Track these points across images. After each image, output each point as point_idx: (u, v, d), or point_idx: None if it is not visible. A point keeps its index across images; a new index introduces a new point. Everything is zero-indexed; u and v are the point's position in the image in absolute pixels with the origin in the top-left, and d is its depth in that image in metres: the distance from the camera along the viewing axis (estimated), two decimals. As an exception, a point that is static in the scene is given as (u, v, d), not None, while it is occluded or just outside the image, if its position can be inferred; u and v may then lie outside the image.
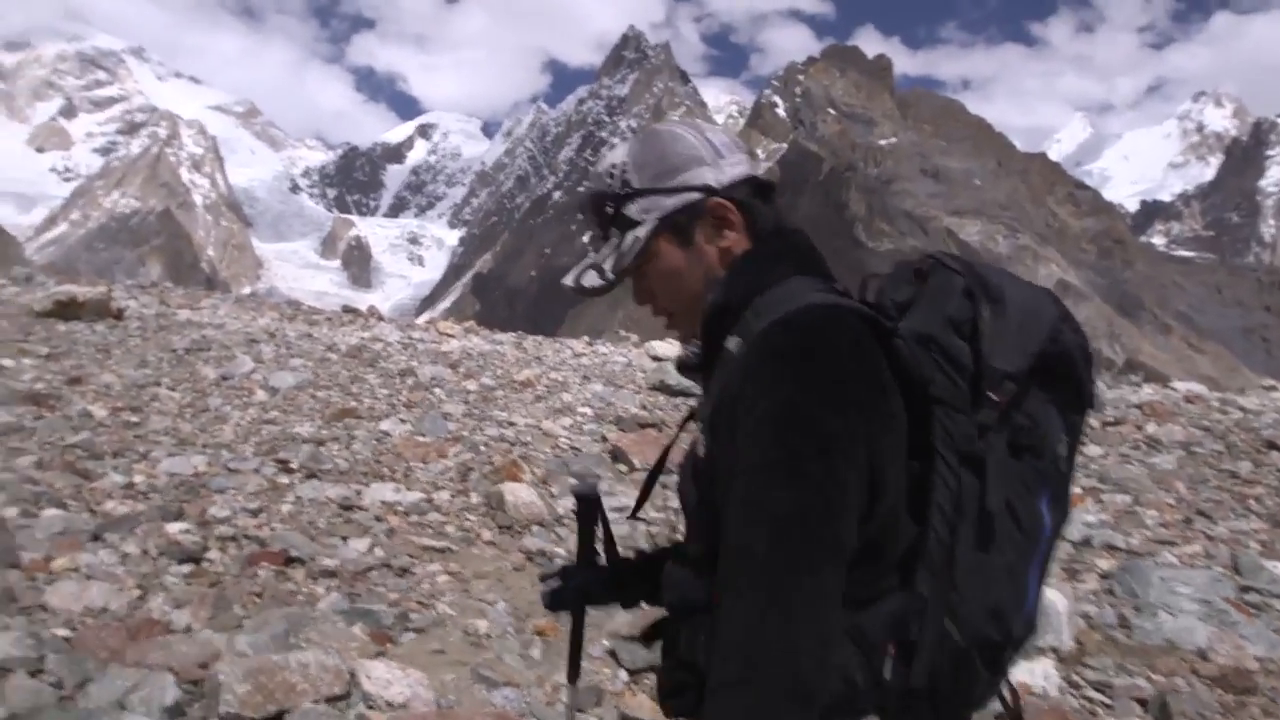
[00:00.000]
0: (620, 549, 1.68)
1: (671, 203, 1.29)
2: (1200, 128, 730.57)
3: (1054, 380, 1.20)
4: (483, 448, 6.02)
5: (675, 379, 9.01)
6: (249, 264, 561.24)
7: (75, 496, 4.36)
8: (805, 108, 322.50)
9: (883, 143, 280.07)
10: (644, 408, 7.80)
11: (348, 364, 9.26)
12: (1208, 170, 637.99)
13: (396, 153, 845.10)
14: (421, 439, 6.04)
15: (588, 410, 7.40)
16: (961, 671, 1.14)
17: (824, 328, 1.13)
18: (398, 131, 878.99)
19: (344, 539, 4.26)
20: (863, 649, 1.13)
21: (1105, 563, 4.94)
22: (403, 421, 6.45)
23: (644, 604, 1.64)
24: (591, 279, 1.34)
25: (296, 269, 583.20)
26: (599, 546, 1.66)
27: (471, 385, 8.26)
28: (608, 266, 1.33)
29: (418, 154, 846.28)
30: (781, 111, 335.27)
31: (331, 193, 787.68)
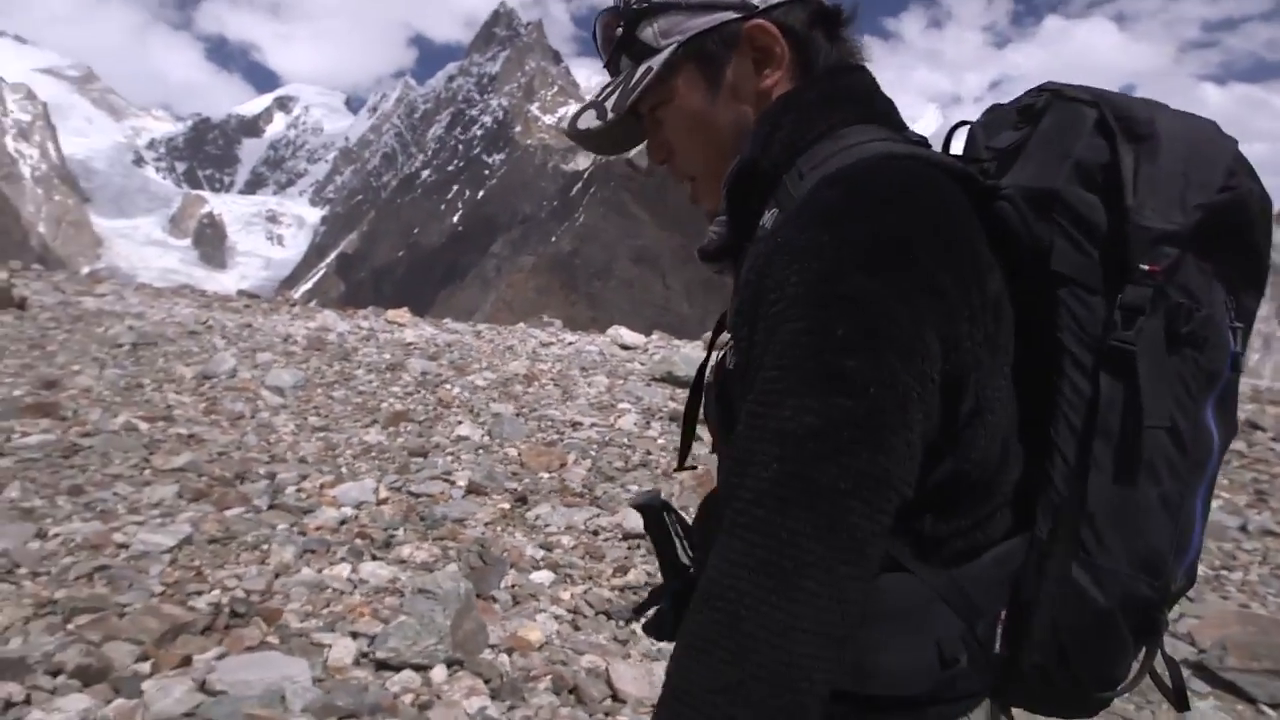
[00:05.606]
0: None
1: (699, 23, 0.96)
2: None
3: (1221, 245, 0.86)
4: (592, 451, 5.57)
5: (683, 370, 8.54)
6: (86, 241, 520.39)
7: (367, 548, 3.73)
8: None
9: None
10: (675, 400, 7.40)
11: (320, 358, 8.53)
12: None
13: (253, 126, 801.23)
14: (523, 445, 5.51)
15: (628, 406, 6.95)
16: (1102, 640, 0.86)
17: (890, 182, 0.82)
18: (254, 104, 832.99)
19: None
20: (964, 615, 0.85)
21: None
22: (476, 425, 5.88)
23: None
24: (588, 119, 1.04)
25: (139, 246, 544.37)
26: (684, 555, 1.30)
27: (479, 381, 7.69)
28: (609, 105, 1.02)
29: (276, 128, 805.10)
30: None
31: (181, 167, 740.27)
